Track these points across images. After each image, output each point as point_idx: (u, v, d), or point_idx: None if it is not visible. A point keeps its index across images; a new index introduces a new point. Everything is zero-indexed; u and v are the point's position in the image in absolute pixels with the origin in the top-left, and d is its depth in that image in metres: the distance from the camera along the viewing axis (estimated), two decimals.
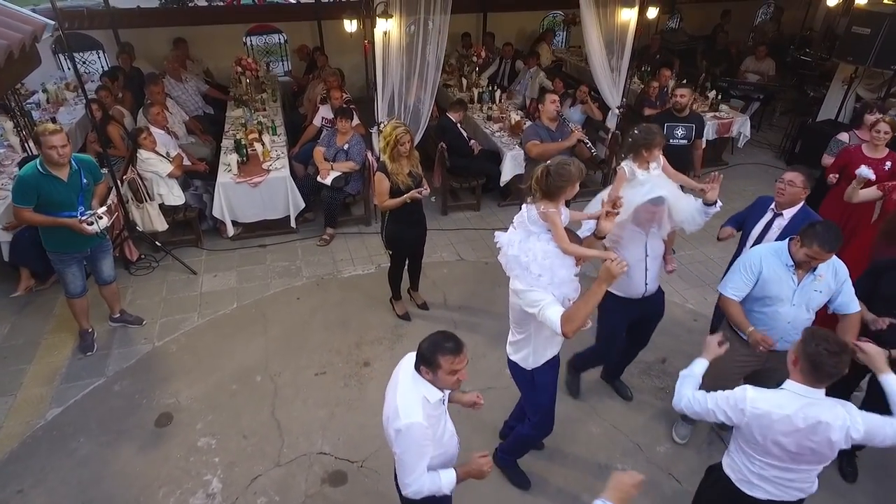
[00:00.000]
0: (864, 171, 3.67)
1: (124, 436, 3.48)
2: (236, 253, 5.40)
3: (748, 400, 2.06)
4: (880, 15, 6.07)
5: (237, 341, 4.29)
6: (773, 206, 3.30)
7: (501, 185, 6.04)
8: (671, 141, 4.87)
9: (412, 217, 4.08)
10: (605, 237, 2.60)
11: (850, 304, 2.75)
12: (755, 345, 2.74)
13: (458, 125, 6.02)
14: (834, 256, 2.71)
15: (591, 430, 3.64)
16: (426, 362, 2.00)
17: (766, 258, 2.79)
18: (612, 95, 6.15)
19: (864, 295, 2.93)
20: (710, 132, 6.93)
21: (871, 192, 3.81)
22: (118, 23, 7.70)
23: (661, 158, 3.11)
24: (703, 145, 5.63)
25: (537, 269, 2.35)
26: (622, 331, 3.37)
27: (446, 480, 2.07)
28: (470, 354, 2.70)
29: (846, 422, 1.98)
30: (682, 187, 3.15)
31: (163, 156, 5.10)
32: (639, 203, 2.76)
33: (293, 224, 5.57)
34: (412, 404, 1.98)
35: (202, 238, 5.49)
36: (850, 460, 3.36)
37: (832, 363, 1.94)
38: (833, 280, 2.72)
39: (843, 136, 5.05)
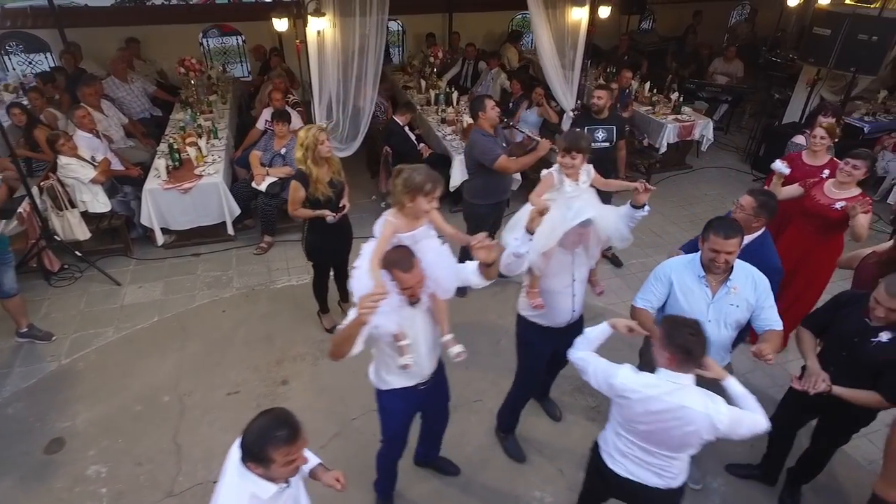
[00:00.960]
0: (778, 165, 3.54)
1: (7, 464, 3.23)
2: (167, 262, 5.16)
3: (619, 376, 2.09)
4: (840, 15, 5.91)
5: (151, 358, 4.05)
6: None
7: (451, 189, 5.82)
8: (592, 144, 4.66)
9: (333, 225, 3.85)
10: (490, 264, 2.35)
11: (773, 322, 2.53)
12: None
13: (406, 128, 5.81)
14: (755, 269, 2.54)
15: None
16: (253, 458, 1.69)
17: (677, 269, 2.63)
18: (566, 97, 5.94)
19: (821, 326, 2.74)
20: (670, 135, 6.75)
21: (794, 190, 3.68)
22: (64, 22, 7.43)
23: (593, 170, 2.88)
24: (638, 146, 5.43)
25: (357, 288, 2.19)
26: (543, 362, 3.14)
27: None
28: None
29: (709, 411, 1.99)
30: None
31: (87, 161, 4.86)
32: (567, 228, 2.51)
33: (230, 231, 5.34)
34: None
35: (132, 247, 5.24)
36: (792, 492, 3.16)
37: (699, 344, 1.99)
38: (752, 293, 2.51)
39: (800, 139, 4.88)
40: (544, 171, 2.80)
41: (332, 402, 3.71)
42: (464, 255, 3.56)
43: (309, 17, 4.59)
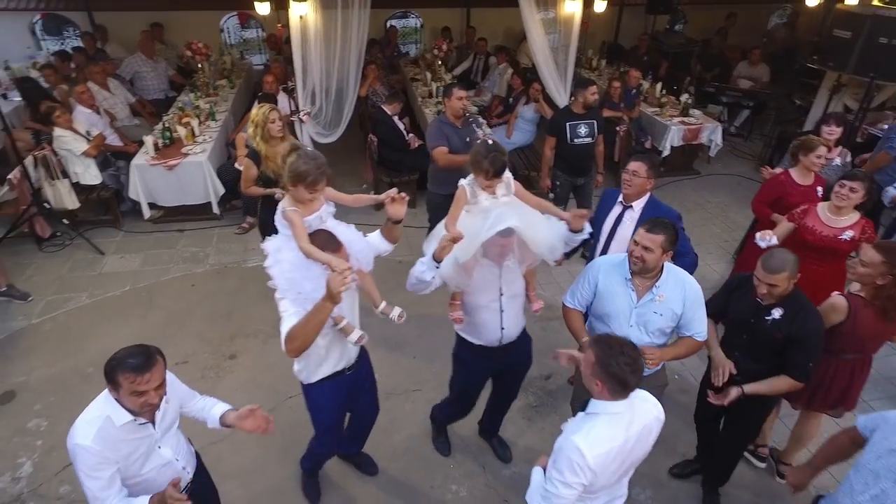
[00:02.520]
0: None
1: None
2: (152, 236, 5.36)
3: (587, 455, 1.77)
4: (860, 17, 5.53)
5: (113, 324, 4.22)
6: (620, 198, 3.08)
7: None
8: (575, 140, 4.55)
9: None
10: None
11: (696, 332, 2.42)
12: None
13: (395, 118, 5.81)
14: (689, 279, 2.40)
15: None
16: (108, 378, 1.80)
17: (604, 269, 2.52)
18: (560, 93, 5.81)
19: (718, 312, 2.65)
20: (675, 138, 6.51)
21: (786, 227, 3.35)
22: (93, 5, 7.82)
23: (514, 182, 2.55)
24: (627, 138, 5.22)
25: (284, 283, 2.15)
26: (478, 385, 2.98)
27: None
28: None
29: (655, 413, 1.93)
30: None
31: (81, 134, 5.09)
32: (484, 238, 2.29)
33: (215, 210, 5.49)
34: (87, 423, 1.82)
35: (121, 219, 5.48)
36: (711, 497, 3.05)
37: (636, 374, 1.79)
38: (680, 303, 2.37)
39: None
40: (460, 182, 2.53)
41: (273, 380, 3.75)
42: None
43: (291, 1, 4.66)
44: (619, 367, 1.75)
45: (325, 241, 2.16)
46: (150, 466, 1.98)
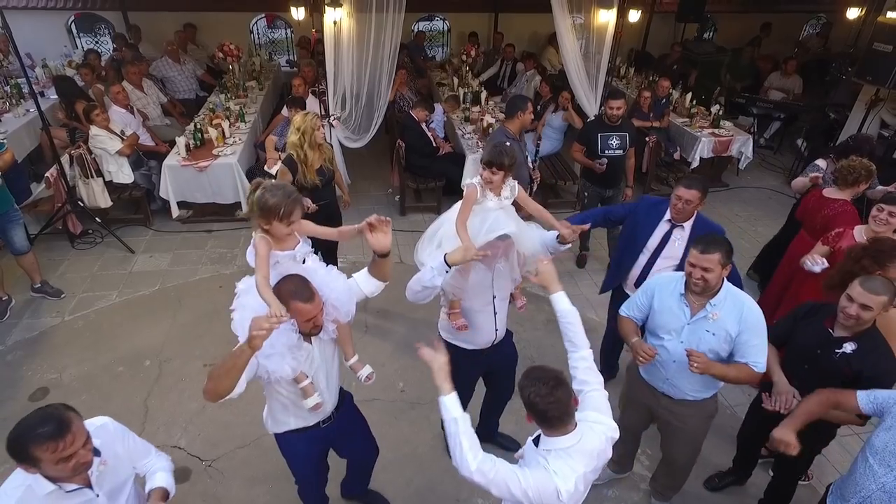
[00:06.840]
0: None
1: None
2: (180, 236, 5.42)
3: (562, 493, 1.67)
4: None
5: (143, 323, 4.27)
6: (667, 217, 3.00)
7: (462, 187, 5.77)
8: (606, 152, 4.49)
9: (318, 213, 3.90)
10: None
11: (753, 363, 2.29)
12: (634, 356, 2.46)
13: (422, 124, 5.80)
14: (749, 302, 2.33)
15: None
16: (18, 458, 1.55)
17: (662, 284, 2.51)
18: (590, 102, 5.76)
19: (780, 339, 2.58)
20: (705, 149, 6.41)
21: (820, 250, 3.28)
22: (127, 5, 7.96)
23: (518, 187, 2.54)
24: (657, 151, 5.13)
25: (242, 331, 1.92)
26: (470, 387, 2.97)
27: None
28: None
29: (605, 431, 1.81)
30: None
31: (116, 133, 5.17)
32: (481, 242, 2.31)
33: (244, 210, 5.52)
34: (4, 496, 1.60)
35: (151, 218, 5.55)
36: None
37: (553, 408, 1.64)
38: (735, 324, 2.30)
39: (821, 163, 4.39)
40: (467, 181, 2.53)
41: None
42: None
43: (326, 6, 4.68)
44: (531, 399, 1.65)
45: (296, 288, 1.94)
46: None
